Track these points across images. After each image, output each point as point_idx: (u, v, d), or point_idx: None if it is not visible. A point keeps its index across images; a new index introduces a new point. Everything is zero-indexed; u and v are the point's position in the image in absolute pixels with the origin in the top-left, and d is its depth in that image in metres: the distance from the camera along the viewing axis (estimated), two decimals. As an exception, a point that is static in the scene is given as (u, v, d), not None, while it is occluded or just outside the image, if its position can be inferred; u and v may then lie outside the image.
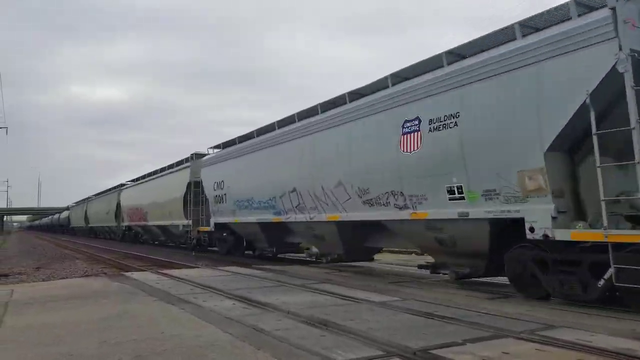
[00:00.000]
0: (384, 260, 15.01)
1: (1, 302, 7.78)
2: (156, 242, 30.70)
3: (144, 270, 13.51)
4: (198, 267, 14.17)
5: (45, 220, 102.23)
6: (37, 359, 4.53)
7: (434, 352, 4.48)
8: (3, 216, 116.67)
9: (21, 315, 6.75)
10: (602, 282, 6.34)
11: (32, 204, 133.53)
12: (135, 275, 11.80)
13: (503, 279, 10.02)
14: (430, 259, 10.14)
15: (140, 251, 23.44)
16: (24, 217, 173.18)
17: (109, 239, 40.15)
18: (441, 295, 7.99)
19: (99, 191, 44.92)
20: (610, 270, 6.13)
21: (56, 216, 79.77)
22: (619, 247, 6.08)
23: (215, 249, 20.71)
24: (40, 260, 20.26)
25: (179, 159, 24.99)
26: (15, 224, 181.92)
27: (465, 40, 8.53)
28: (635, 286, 5.90)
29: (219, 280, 10.35)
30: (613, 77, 6.10)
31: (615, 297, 6.53)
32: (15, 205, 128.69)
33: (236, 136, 17.05)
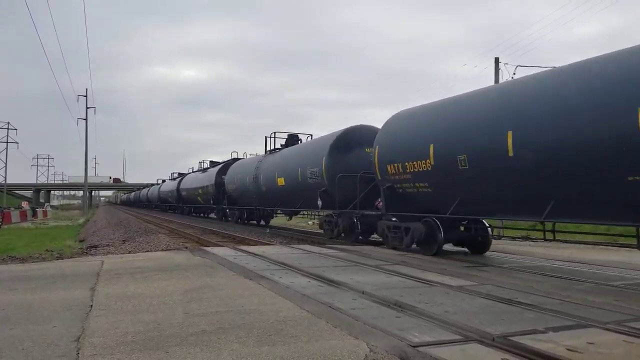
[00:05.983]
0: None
1: (93, 272, 8.36)
2: None
3: (222, 246, 14.00)
4: (273, 245, 14.52)
5: (130, 195, 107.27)
6: (128, 325, 4.83)
7: (514, 339, 4.36)
8: (92, 191, 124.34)
9: (112, 284, 7.21)
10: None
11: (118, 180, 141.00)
12: (214, 250, 12.27)
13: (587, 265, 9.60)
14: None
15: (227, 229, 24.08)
16: (109, 193, 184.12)
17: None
18: (520, 281, 7.75)
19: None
20: None
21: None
22: None
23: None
24: (126, 234, 21.48)
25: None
26: (102, 198, 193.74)
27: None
28: None
29: (293, 257, 10.56)
30: None
31: None
32: (103, 181, 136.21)
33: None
